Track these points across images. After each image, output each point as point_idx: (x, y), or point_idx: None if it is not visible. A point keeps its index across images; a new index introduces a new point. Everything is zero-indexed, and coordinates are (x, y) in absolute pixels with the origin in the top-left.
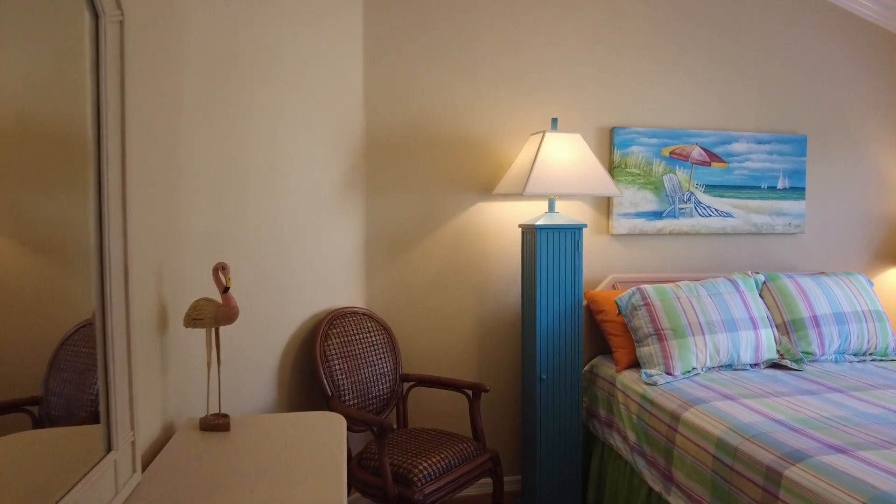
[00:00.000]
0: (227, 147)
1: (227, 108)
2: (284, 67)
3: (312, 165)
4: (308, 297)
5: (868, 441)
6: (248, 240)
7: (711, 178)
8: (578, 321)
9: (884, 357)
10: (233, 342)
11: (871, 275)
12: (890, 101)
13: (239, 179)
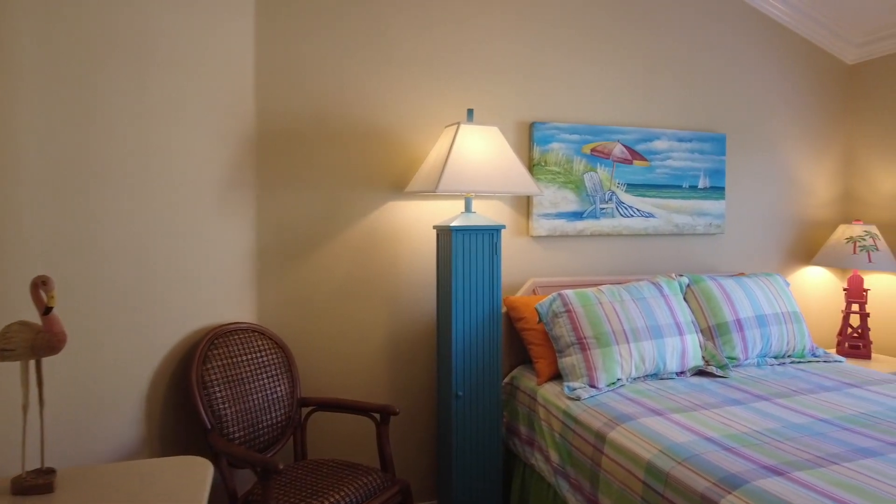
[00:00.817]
0: (75, 140)
1: (77, 96)
2: (154, 46)
3: (189, 160)
4: (182, 315)
5: (802, 458)
6: (100, 249)
7: (633, 177)
8: (497, 330)
9: (801, 359)
10: (75, 375)
11: (786, 274)
12: (801, 105)
13: (87, 177)
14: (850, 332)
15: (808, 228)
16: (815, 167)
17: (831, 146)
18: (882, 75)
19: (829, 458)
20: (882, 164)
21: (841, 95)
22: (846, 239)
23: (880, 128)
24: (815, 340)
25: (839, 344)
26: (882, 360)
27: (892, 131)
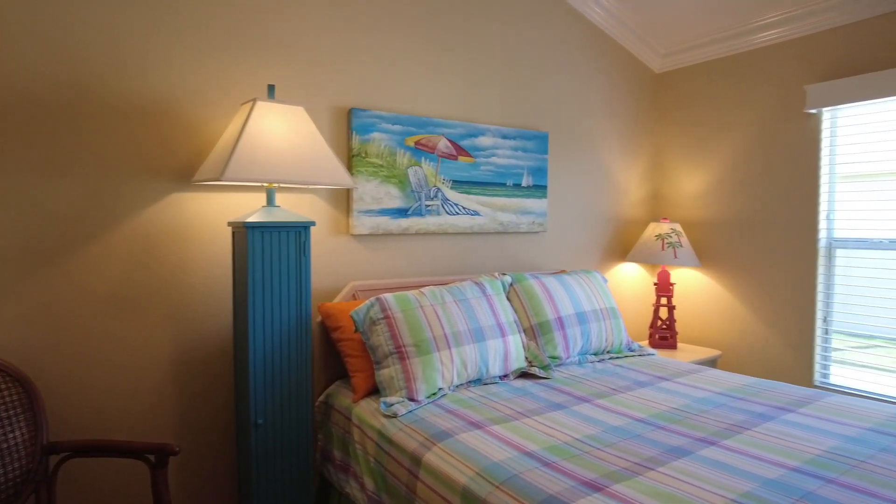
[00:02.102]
0: None
1: None
2: None
3: None
4: None
5: (621, 467)
6: None
7: (459, 174)
8: (307, 343)
9: (619, 354)
10: None
11: (603, 271)
12: (616, 108)
13: None
14: (659, 324)
15: (623, 226)
16: (628, 168)
17: (642, 148)
18: (684, 85)
19: (645, 464)
20: (685, 167)
21: (650, 101)
22: (655, 236)
23: (683, 133)
24: (630, 334)
25: (651, 336)
26: (686, 349)
27: (693, 137)
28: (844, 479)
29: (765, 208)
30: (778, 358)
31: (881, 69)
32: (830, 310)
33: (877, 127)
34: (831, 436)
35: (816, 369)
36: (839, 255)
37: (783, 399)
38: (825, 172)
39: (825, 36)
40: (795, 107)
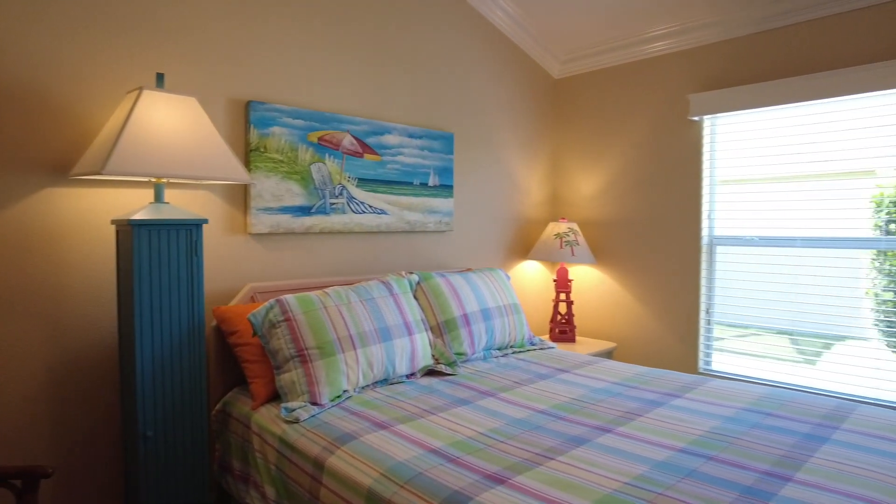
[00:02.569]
0: None
1: None
2: None
3: None
4: None
5: (523, 458)
6: None
7: (364, 171)
8: (200, 349)
9: (522, 348)
10: None
11: (507, 269)
12: (519, 111)
13: None
14: (559, 319)
15: (525, 225)
16: (530, 169)
17: (543, 151)
18: (581, 90)
19: (546, 454)
20: (582, 169)
21: (550, 106)
22: (554, 235)
23: (580, 137)
24: (532, 328)
25: (551, 330)
26: (584, 342)
27: (589, 141)
28: (723, 456)
29: (654, 208)
30: (667, 348)
31: (753, 82)
32: (712, 302)
33: (749, 135)
34: (712, 417)
35: (700, 357)
36: (719, 251)
37: (671, 386)
38: (706, 175)
39: (706, 49)
40: (680, 114)
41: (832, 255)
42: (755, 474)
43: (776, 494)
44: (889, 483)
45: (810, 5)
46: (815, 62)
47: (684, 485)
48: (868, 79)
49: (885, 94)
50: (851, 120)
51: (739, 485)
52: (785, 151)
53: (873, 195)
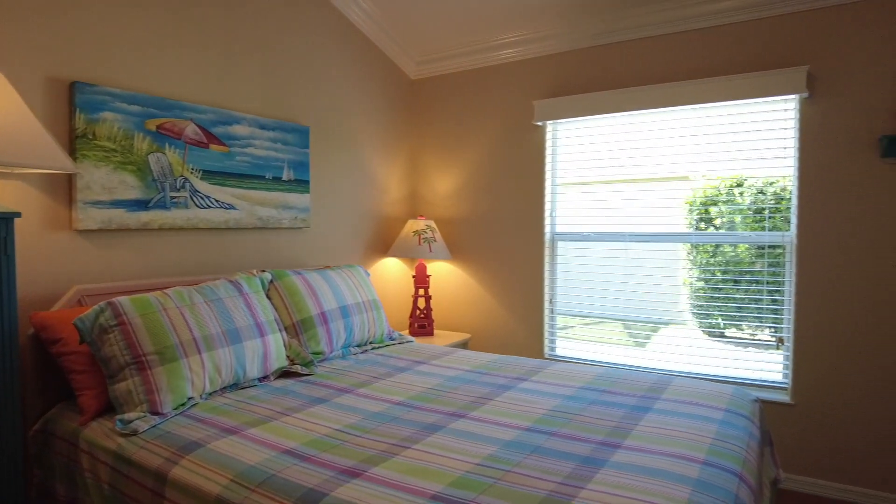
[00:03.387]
0: None
1: None
2: None
3: None
4: None
5: (379, 450)
6: None
7: (210, 163)
8: (13, 362)
9: (381, 344)
10: None
11: (367, 266)
12: (377, 109)
13: None
14: (418, 313)
15: (385, 223)
16: (389, 167)
17: (401, 149)
18: (436, 92)
19: (402, 444)
20: (438, 168)
21: (407, 105)
22: (413, 232)
23: (437, 138)
24: (392, 324)
25: (411, 325)
26: (441, 335)
27: (445, 141)
28: (564, 431)
29: (503, 207)
30: (517, 336)
31: (589, 91)
32: (555, 293)
33: (586, 140)
34: (555, 397)
35: (546, 344)
36: (560, 246)
37: (519, 371)
38: (549, 177)
39: (550, 59)
40: (527, 119)
41: (655, 248)
42: (591, 445)
43: (608, 461)
44: (695, 440)
45: (640, 25)
46: (643, 76)
47: (530, 461)
48: (684, 94)
49: (696, 108)
50: (671, 129)
51: (578, 455)
52: (617, 156)
53: (687, 197)
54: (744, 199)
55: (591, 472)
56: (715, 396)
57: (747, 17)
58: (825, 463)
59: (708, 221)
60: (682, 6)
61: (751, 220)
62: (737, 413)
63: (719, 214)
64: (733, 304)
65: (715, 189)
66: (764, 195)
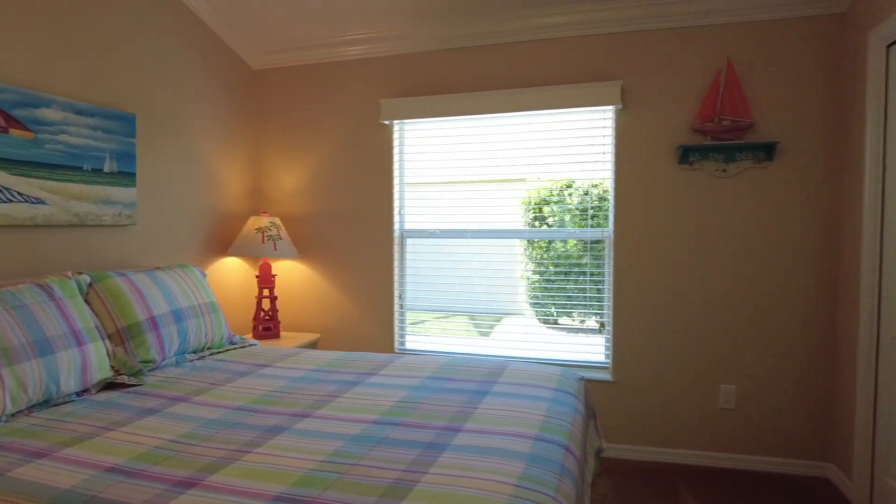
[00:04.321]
0: None
1: None
2: None
3: None
4: None
5: (218, 458)
6: None
7: (12, 151)
8: None
9: (220, 349)
10: None
11: (204, 266)
12: (215, 99)
13: None
14: (262, 315)
15: (224, 220)
16: (228, 161)
17: (242, 142)
18: (282, 84)
19: (243, 449)
20: (284, 163)
21: (249, 96)
22: (256, 230)
23: (282, 131)
24: (234, 328)
25: (255, 328)
26: (288, 337)
27: (290, 135)
28: (410, 420)
29: (352, 204)
30: (368, 333)
31: (435, 94)
32: (404, 289)
33: (432, 141)
34: (402, 388)
35: (396, 339)
36: (409, 243)
37: (367, 366)
38: (396, 175)
39: (398, 59)
40: (374, 117)
41: (496, 245)
42: (434, 431)
43: (449, 444)
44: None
45: (482, 33)
46: (484, 82)
47: (376, 452)
48: (518, 101)
49: (530, 114)
50: (510, 134)
51: (422, 442)
52: (461, 158)
53: (523, 198)
54: (572, 199)
55: (433, 457)
56: (546, 377)
57: (574, 34)
58: (641, 431)
59: (542, 220)
60: (519, 19)
61: (578, 218)
62: (565, 391)
63: (551, 213)
64: (564, 295)
65: (547, 190)
66: (589, 196)
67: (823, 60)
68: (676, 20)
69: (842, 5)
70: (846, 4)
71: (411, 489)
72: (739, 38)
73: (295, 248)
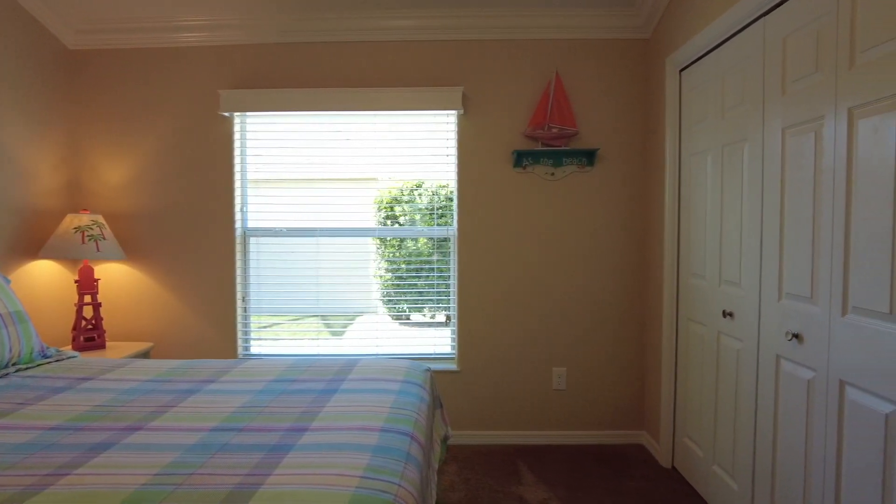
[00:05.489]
0: None
1: None
2: None
3: None
4: None
5: (26, 486)
6: None
7: None
8: None
9: (30, 363)
10: None
11: (8, 271)
12: (22, 82)
13: None
14: (84, 324)
15: (35, 217)
16: (38, 152)
17: (57, 131)
18: (106, 68)
19: (58, 472)
20: (108, 155)
21: (64, 80)
22: (74, 229)
23: (105, 120)
24: (49, 340)
25: (75, 339)
26: (116, 347)
27: (116, 125)
28: (253, 425)
29: (189, 200)
30: (208, 339)
31: (279, 87)
32: (248, 291)
33: (279, 136)
34: (245, 393)
35: (240, 344)
36: (253, 242)
37: (207, 373)
38: (238, 171)
39: (238, 49)
40: (213, 109)
41: (347, 244)
42: (279, 433)
43: (295, 444)
44: (376, 411)
45: (326, 29)
46: (330, 79)
47: (216, 460)
48: (364, 99)
49: (378, 114)
50: (360, 133)
51: (266, 445)
52: (309, 155)
53: (376, 198)
54: (423, 199)
55: (278, 459)
56: (393, 371)
57: (420, 38)
58: (485, 416)
59: (394, 219)
60: (366, 18)
61: (428, 217)
62: (411, 382)
63: (403, 213)
64: (416, 291)
65: (399, 190)
66: (438, 196)
67: (635, 78)
68: (511, 32)
69: (647, 32)
70: (650, 31)
71: (255, 492)
72: (566, 54)
73: (121, 249)
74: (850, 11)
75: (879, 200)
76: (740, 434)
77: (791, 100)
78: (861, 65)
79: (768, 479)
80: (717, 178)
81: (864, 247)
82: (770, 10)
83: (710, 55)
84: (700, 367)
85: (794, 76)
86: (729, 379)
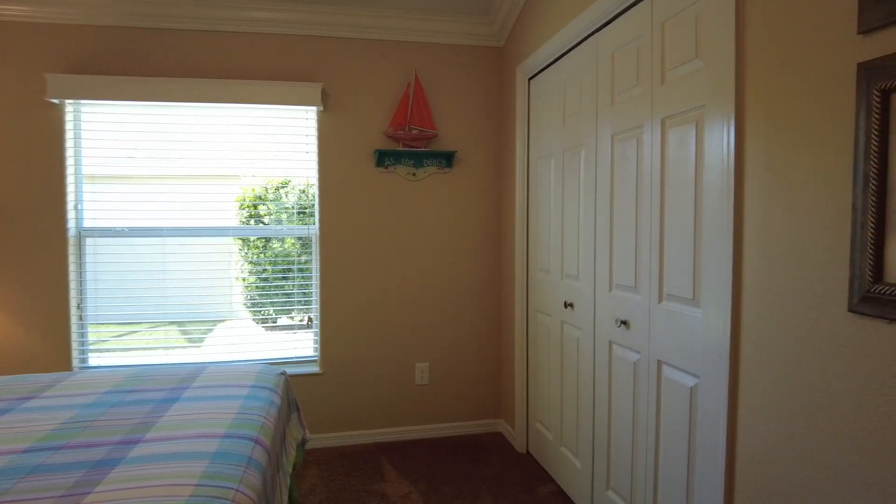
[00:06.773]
0: None
1: None
2: None
3: None
4: None
5: None
6: None
7: None
8: None
9: None
10: None
11: None
12: None
13: None
14: None
15: None
16: None
17: None
18: None
19: None
20: None
21: None
22: None
23: None
24: None
25: None
26: None
27: None
28: (75, 441)
29: (10, 197)
30: (36, 353)
31: (120, 74)
32: (84, 298)
33: (123, 128)
34: (70, 408)
35: (75, 357)
36: (89, 244)
37: (27, 389)
38: (72, 164)
39: (70, 28)
40: (38, 93)
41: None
42: (107, 448)
43: (124, 458)
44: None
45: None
46: (181, 69)
47: (25, 483)
48: (217, 91)
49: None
50: (215, 127)
51: (89, 462)
52: (159, 150)
53: (238, 196)
54: (289, 198)
55: (101, 475)
56: (242, 376)
57: (278, 31)
58: (348, 417)
59: (258, 218)
60: (219, 7)
61: (295, 217)
62: (261, 387)
63: (268, 212)
64: (283, 294)
65: (263, 188)
66: (306, 195)
67: (491, 84)
68: (371, 32)
69: (501, 41)
70: (504, 40)
71: None
72: (426, 57)
73: None
74: (660, 33)
75: (684, 201)
76: (582, 415)
77: (619, 109)
78: (670, 81)
79: (605, 454)
80: (559, 181)
81: (674, 240)
82: (602, 27)
83: (554, 65)
84: (548, 354)
85: (621, 88)
86: (571, 365)
